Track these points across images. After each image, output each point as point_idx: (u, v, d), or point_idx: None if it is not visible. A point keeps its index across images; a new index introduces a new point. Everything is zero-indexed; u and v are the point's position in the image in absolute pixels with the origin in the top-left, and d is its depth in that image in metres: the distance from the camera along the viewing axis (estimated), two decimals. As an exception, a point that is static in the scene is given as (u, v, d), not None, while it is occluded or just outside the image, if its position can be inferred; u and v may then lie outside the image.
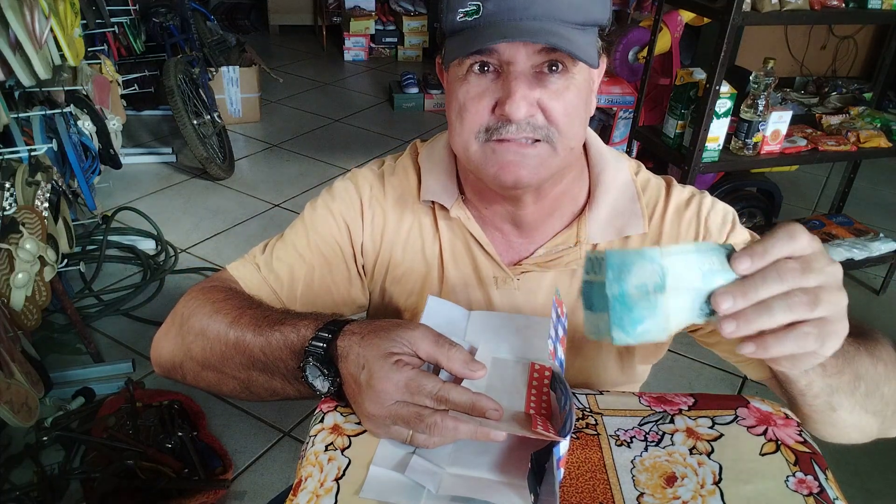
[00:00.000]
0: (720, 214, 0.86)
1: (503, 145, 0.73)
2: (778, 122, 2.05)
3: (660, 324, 0.54)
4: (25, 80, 1.85)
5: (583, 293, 0.57)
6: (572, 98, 0.73)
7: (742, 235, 0.85)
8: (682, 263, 0.54)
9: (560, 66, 0.71)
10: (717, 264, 0.54)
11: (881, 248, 2.50)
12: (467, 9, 0.69)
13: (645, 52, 2.36)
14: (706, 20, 2.71)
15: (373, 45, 5.36)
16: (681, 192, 0.87)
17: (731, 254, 0.55)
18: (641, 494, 0.61)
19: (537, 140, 0.73)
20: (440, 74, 0.82)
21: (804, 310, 0.53)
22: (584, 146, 0.87)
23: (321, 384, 0.68)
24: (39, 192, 1.88)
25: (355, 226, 0.89)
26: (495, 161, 0.74)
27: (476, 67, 0.72)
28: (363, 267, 0.91)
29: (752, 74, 1.99)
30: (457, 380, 0.66)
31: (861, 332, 0.72)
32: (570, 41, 0.68)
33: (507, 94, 0.70)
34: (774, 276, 0.53)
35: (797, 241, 0.54)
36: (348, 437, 0.67)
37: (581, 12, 0.70)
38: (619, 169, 0.87)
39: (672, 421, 0.70)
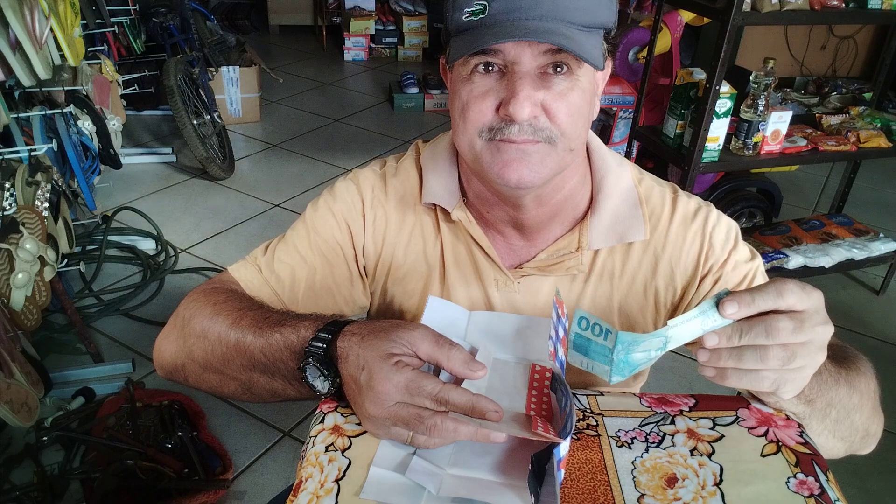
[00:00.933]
0: (724, 231, 0.86)
1: (505, 145, 0.73)
2: (778, 122, 2.05)
3: (650, 363, 0.62)
4: (25, 80, 1.85)
5: (574, 342, 0.63)
6: (576, 100, 0.73)
7: (743, 252, 0.86)
8: (685, 328, 0.61)
9: (565, 68, 0.71)
10: (719, 320, 0.60)
11: (881, 248, 2.50)
12: (473, 8, 0.69)
13: (645, 52, 2.36)
14: (706, 20, 2.71)
15: (373, 45, 5.36)
16: (687, 202, 0.87)
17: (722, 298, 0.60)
18: (642, 496, 0.61)
19: (538, 141, 0.73)
20: (443, 74, 0.82)
21: (775, 363, 0.59)
22: (588, 151, 0.87)
23: (321, 385, 0.68)
24: (39, 192, 1.88)
25: (357, 227, 0.89)
26: (499, 160, 0.74)
27: (481, 67, 0.72)
28: (364, 268, 0.91)
29: (752, 74, 1.99)
30: (457, 380, 0.66)
31: (846, 358, 0.76)
32: (576, 42, 0.68)
33: (511, 94, 0.70)
34: (762, 330, 0.58)
35: (785, 297, 0.58)
36: (349, 437, 0.66)
37: (587, 14, 0.70)
38: (622, 175, 0.87)
39: (673, 422, 0.70)
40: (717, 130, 1.99)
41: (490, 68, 0.72)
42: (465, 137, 0.76)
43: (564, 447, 0.59)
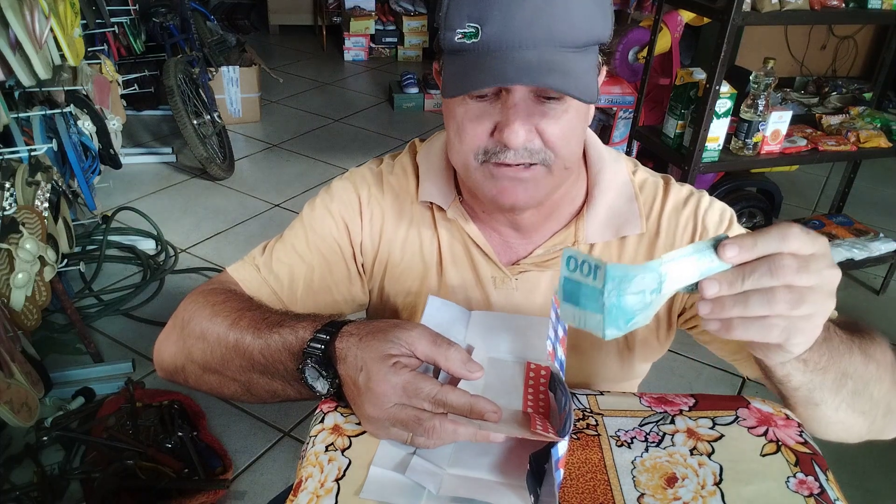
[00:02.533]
0: (717, 213, 0.86)
1: (501, 169, 0.73)
2: (778, 122, 2.05)
3: (648, 314, 0.56)
4: (25, 80, 1.85)
5: (563, 288, 0.57)
6: (570, 120, 0.73)
7: (738, 232, 0.85)
8: (680, 267, 0.55)
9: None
10: (715, 261, 0.55)
11: (881, 248, 2.50)
12: (466, 31, 0.68)
13: (645, 52, 2.36)
14: (706, 20, 2.71)
15: (373, 45, 5.36)
16: (679, 190, 0.87)
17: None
18: (642, 495, 0.61)
19: (533, 164, 0.73)
20: (437, 77, 0.82)
21: (784, 307, 0.54)
22: (584, 146, 0.87)
23: (321, 386, 0.68)
24: (39, 192, 1.88)
25: (354, 225, 0.89)
26: (494, 185, 0.74)
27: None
28: (362, 265, 0.91)
29: (752, 74, 1.99)
30: (454, 379, 0.66)
31: (858, 329, 0.71)
32: (570, 76, 0.67)
33: (506, 122, 0.70)
34: (765, 269, 0.53)
35: (789, 240, 0.54)
36: (348, 437, 0.67)
37: (582, 33, 0.69)
38: (618, 169, 0.87)
39: (672, 421, 0.70)
40: (717, 130, 1.99)
41: (484, 95, 0.71)
42: (460, 157, 0.76)
43: (563, 447, 0.59)
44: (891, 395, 0.71)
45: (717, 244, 0.55)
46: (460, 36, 0.68)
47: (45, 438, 1.74)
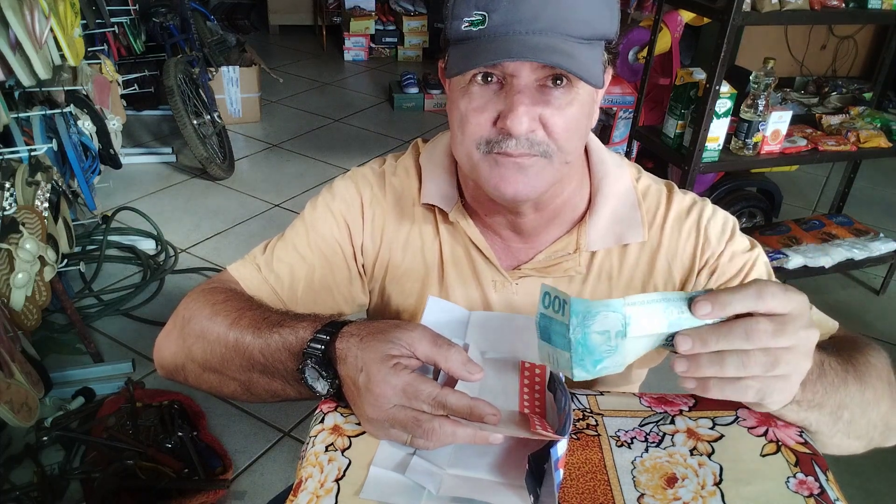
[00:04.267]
0: (720, 223, 0.86)
1: (503, 158, 0.73)
2: (778, 122, 2.05)
3: (618, 361, 0.57)
4: (25, 80, 1.85)
5: (539, 325, 0.59)
6: (574, 113, 0.72)
7: (741, 244, 0.85)
8: (647, 313, 0.56)
9: (564, 81, 0.71)
10: (686, 313, 0.56)
11: (881, 248, 2.50)
12: (472, 18, 0.68)
13: (645, 52, 2.36)
14: (706, 20, 2.71)
15: (373, 45, 5.36)
16: (682, 199, 0.87)
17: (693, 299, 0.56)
18: (642, 495, 0.61)
19: (535, 154, 0.73)
20: (442, 77, 0.82)
21: (759, 370, 0.56)
22: (586, 152, 0.87)
23: (320, 386, 0.68)
24: (39, 192, 1.88)
25: (355, 225, 0.89)
26: (496, 173, 0.74)
27: (479, 78, 0.71)
28: (363, 266, 0.91)
29: (752, 74, 1.99)
30: (452, 380, 0.66)
31: (852, 352, 0.72)
32: (576, 59, 0.67)
33: (509, 108, 0.69)
34: (741, 332, 0.55)
35: (765, 299, 0.55)
36: (348, 437, 0.67)
37: (588, 27, 0.69)
38: (621, 176, 0.87)
39: (672, 422, 0.70)
40: (717, 130, 1.99)
41: (489, 79, 0.71)
42: (462, 148, 0.76)
43: (562, 447, 0.59)
44: (889, 414, 0.72)
45: (691, 299, 0.55)
46: (467, 24, 0.69)
47: (45, 438, 1.74)
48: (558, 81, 0.71)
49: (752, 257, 0.85)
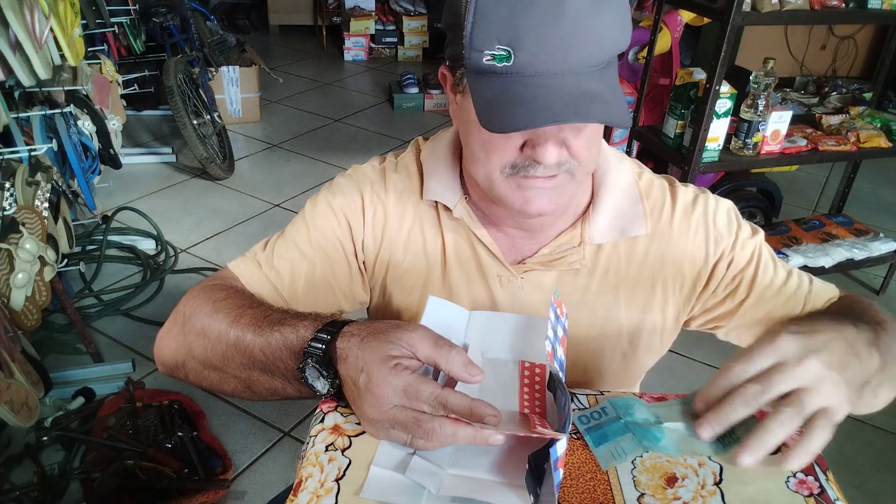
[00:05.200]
0: (724, 213, 0.88)
1: (528, 181, 0.74)
2: (778, 122, 2.05)
3: (675, 438, 0.65)
4: (25, 80, 1.85)
5: (591, 438, 0.67)
6: (592, 130, 0.74)
7: (746, 230, 0.88)
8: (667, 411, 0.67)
9: None
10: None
11: (881, 248, 2.50)
12: (496, 53, 0.66)
13: (645, 52, 2.36)
14: (706, 20, 2.71)
15: (373, 45, 5.36)
16: (685, 192, 0.89)
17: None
18: (642, 495, 0.61)
19: (559, 173, 0.74)
20: (443, 80, 0.81)
21: (796, 419, 0.59)
22: None
23: (321, 385, 0.68)
24: (39, 192, 1.88)
25: (356, 222, 0.89)
26: (521, 196, 0.75)
27: None
28: (364, 263, 0.91)
29: (752, 74, 1.99)
30: (452, 380, 0.66)
31: (881, 322, 0.76)
32: (609, 103, 0.67)
33: (538, 141, 0.70)
34: (740, 402, 0.60)
35: (773, 390, 0.60)
36: (349, 437, 0.66)
37: (608, 51, 0.69)
38: (622, 170, 0.88)
39: (672, 421, 0.70)
40: (717, 130, 1.99)
41: None
42: (484, 170, 0.76)
43: (561, 447, 0.59)
44: None
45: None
46: (489, 58, 0.67)
47: (45, 438, 1.74)
48: None
49: (758, 244, 0.88)
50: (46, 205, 1.89)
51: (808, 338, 0.62)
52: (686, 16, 2.75)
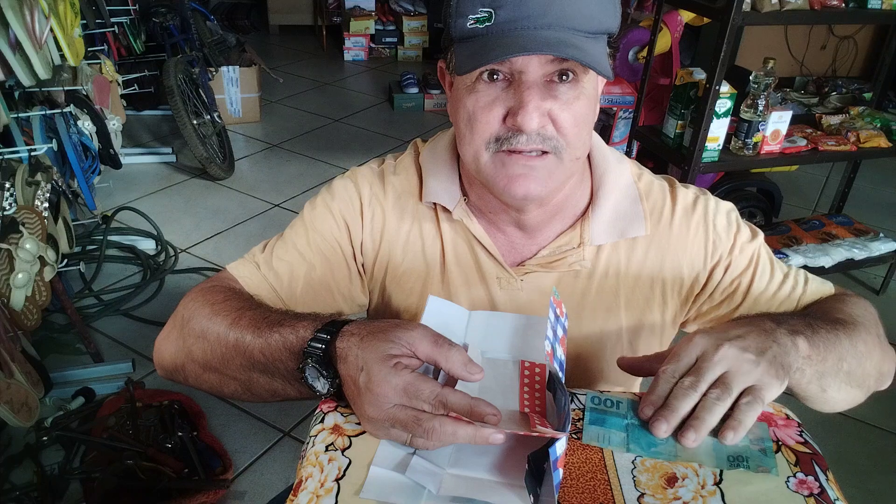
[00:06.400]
0: (724, 216, 0.88)
1: (512, 157, 0.73)
2: (778, 122, 2.05)
3: (670, 450, 0.65)
4: (25, 80, 1.85)
5: (589, 417, 0.69)
6: (581, 107, 0.73)
7: (746, 233, 0.88)
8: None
9: (570, 76, 0.71)
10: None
11: (881, 248, 2.50)
12: (478, 15, 0.68)
13: (645, 52, 2.36)
14: (706, 20, 2.71)
15: (373, 45, 5.36)
16: (685, 193, 0.88)
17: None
18: (642, 495, 0.61)
19: (545, 152, 0.73)
20: (441, 77, 0.82)
21: (725, 398, 0.63)
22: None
23: (321, 385, 0.68)
24: (39, 192, 1.88)
25: (355, 224, 0.89)
26: (505, 174, 0.74)
27: (485, 75, 0.72)
28: (363, 265, 0.91)
29: (752, 74, 1.99)
30: (452, 380, 0.66)
31: (843, 307, 0.82)
32: (587, 52, 0.68)
33: (520, 104, 0.70)
34: (681, 393, 0.64)
35: (681, 363, 0.66)
36: (349, 437, 0.66)
37: (594, 21, 0.70)
38: (621, 171, 0.87)
39: (672, 421, 0.70)
40: (717, 130, 1.99)
41: (495, 77, 0.72)
42: (470, 148, 0.76)
43: (561, 447, 0.59)
44: (881, 362, 0.81)
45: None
46: (472, 21, 0.69)
47: (45, 438, 1.74)
48: (564, 77, 0.71)
49: (757, 247, 0.88)
50: (46, 205, 1.89)
51: (720, 333, 0.67)
52: (686, 16, 2.75)
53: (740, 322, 0.71)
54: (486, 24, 0.68)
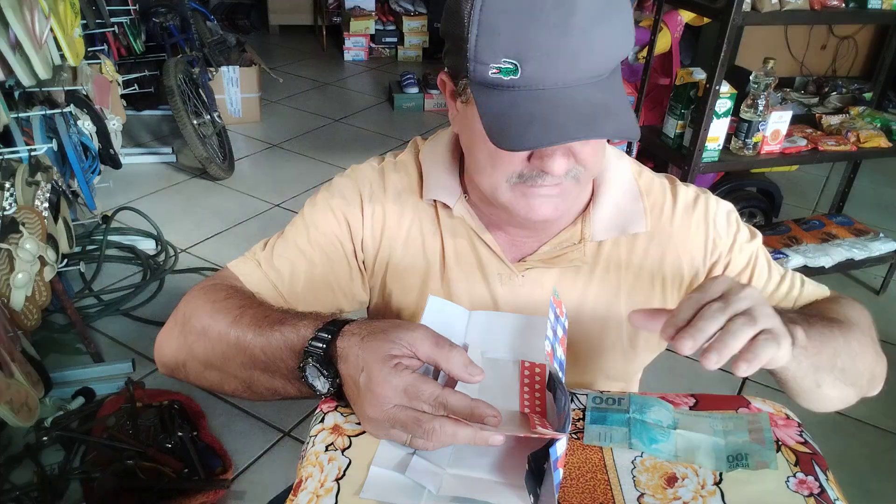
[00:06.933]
0: (724, 215, 0.88)
1: (534, 190, 0.74)
2: (778, 122, 2.05)
3: (670, 448, 0.66)
4: (25, 80, 1.85)
5: (590, 416, 0.69)
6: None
7: (744, 233, 0.88)
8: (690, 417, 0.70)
9: None
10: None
11: (881, 248, 2.50)
12: (503, 66, 0.66)
13: (645, 52, 2.36)
14: (706, 20, 2.71)
15: (373, 45, 5.36)
16: (686, 191, 0.89)
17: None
18: (642, 495, 0.61)
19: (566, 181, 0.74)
20: (442, 86, 0.80)
21: (750, 327, 0.61)
22: None
23: (321, 384, 0.68)
24: (39, 192, 1.88)
25: (355, 222, 0.89)
26: (526, 204, 0.75)
27: None
28: (363, 262, 0.92)
29: (752, 74, 1.99)
30: (452, 380, 0.66)
31: (839, 308, 0.84)
32: (618, 116, 0.67)
33: (548, 151, 0.70)
34: (709, 315, 0.61)
35: (707, 293, 0.64)
36: (349, 437, 0.67)
37: (615, 59, 0.69)
38: (622, 168, 0.88)
39: (672, 421, 0.70)
40: (717, 130, 1.99)
41: None
42: (490, 180, 0.76)
43: (561, 446, 0.59)
44: (874, 364, 0.82)
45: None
46: (495, 71, 0.66)
47: (45, 438, 1.74)
48: None
49: (755, 249, 0.89)
50: (46, 205, 1.89)
51: (735, 279, 0.67)
52: (686, 16, 2.75)
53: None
54: (512, 76, 0.66)
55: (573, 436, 0.68)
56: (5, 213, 1.76)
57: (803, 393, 0.76)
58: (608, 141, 0.80)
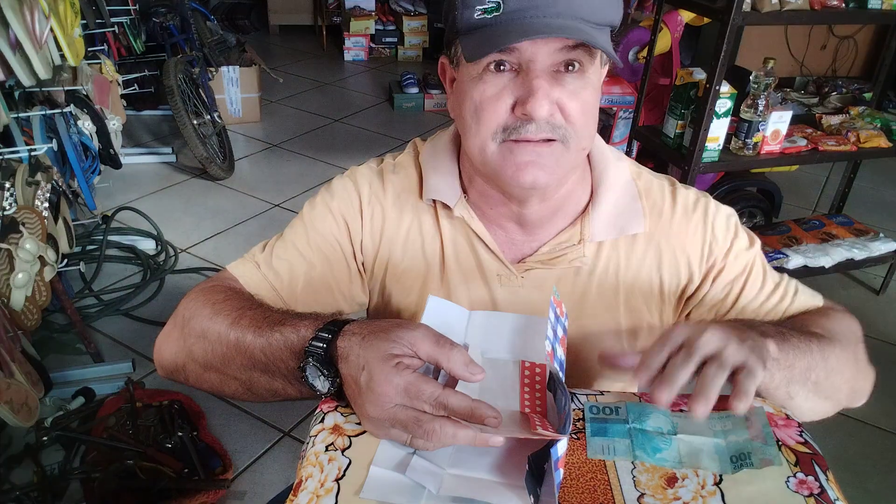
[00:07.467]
0: (724, 220, 0.87)
1: (520, 146, 0.73)
2: (778, 122, 2.05)
3: (674, 456, 0.66)
4: (25, 80, 1.85)
5: (590, 427, 0.69)
6: (588, 97, 0.74)
7: (743, 240, 0.88)
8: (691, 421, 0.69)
9: (577, 66, 0.72)
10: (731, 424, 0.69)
11: (881, 248, 2.50)
12: (486, 6, 0.68)
13: (645, 52, 2.36)
14: (706, 20, 2.70)
15: (373, 45, 5.36)
16: (686, 193, 0.89)
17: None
18: (642, 495, 0.61)
19: (552, 139, 0.73)
20: (442, 74, 0.82)
21: (722, 371, 0.63)
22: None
23: (321, 385, 0.68)
24: (39, 192, 1.88)
25: (354, 223, 0.89)
26: (513, 162, 0.74)
27: (493, 66, 0.72)
28: (363, 264, 0.92)
29: (752, 74, 1.99)
30: (453, 380, 0.66)
31: (825, 322, 0.83)
32: (596, 39, 0.69)
33: (529, 92, 0.70)
34: (679, 364, 0.64)
35: (669, 343, 0.66)
36: (349, 437, 0.66)
37: (599, 13, 0.70)
38: (620, 168, 0.88)
39: (672, 421, 0.70)
40: (717, 130, 1.99)
41: (502, 67, 0.72)
42: (477, 140, 0.76)
43: (562, 447, 0.59)
44: (854, 379, 0.81)
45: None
46: (480, 12, 0.69)
47: (45, 438, 1.74)
48: (571, 67, 0.71)
49: (752, 257, 0.88)
50: (46, 205, 1.89)
51: (697, 325, 0.68)
52: (686, 16, 2.74)
53: (715, 323, 0.71)
54: (495, 13, 0.68)
55: (573, 436, 0.68)
56: (5, 213, 1.76)
57: (776, 402, 0.75)
58: (608, 141, 0.80)
